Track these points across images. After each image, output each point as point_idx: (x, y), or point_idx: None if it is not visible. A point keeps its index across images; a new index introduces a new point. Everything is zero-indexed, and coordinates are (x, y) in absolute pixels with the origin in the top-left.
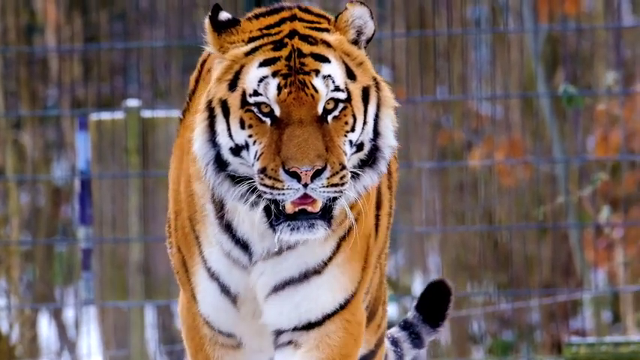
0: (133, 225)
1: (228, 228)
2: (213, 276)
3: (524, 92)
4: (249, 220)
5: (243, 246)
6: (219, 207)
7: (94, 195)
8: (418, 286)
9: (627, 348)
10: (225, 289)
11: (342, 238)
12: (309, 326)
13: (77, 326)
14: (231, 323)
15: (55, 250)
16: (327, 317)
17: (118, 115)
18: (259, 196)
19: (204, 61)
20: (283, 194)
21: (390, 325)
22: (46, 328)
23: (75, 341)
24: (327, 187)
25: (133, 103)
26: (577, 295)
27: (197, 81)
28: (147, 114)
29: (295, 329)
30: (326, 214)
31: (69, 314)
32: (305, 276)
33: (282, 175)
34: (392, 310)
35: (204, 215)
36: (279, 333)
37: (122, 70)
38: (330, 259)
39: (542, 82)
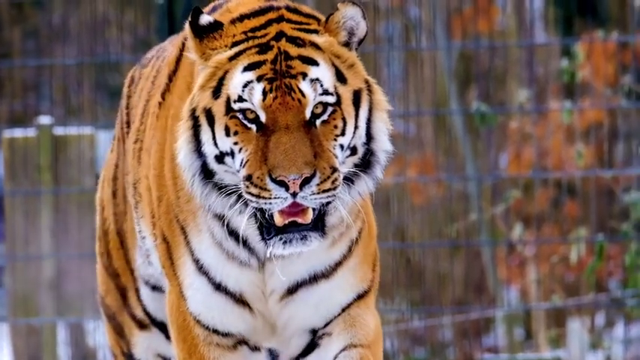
0: (45, 242)
1: (221, 218)
2: (201, 269)
3: (436, 109)
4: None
5: (244, 243)
6: None
7: (6, 212)
8: None
9: None
10: (218, 286)
11: (355, 241)
12: (333, 318)
13: None
14: (229, 322)
15: None
16: (348, 307)
17: (30, 132)
18: (246, 204)
19: (184, 43)
20: (270, 203)
21: None
22: None
23: None
24: (319, 193)
25: (45, 120)
26: (489, 313)
27: (178, 61)
28: (59, 131)
29: (324, 325)
30: (318, 223)
31: None
32: (315, 279)
33: (270, 184)
34: None
35: (190, 201)
36: (314, 331)
37: (34, 87)
38: (341, 263)
39: (454, 99)
